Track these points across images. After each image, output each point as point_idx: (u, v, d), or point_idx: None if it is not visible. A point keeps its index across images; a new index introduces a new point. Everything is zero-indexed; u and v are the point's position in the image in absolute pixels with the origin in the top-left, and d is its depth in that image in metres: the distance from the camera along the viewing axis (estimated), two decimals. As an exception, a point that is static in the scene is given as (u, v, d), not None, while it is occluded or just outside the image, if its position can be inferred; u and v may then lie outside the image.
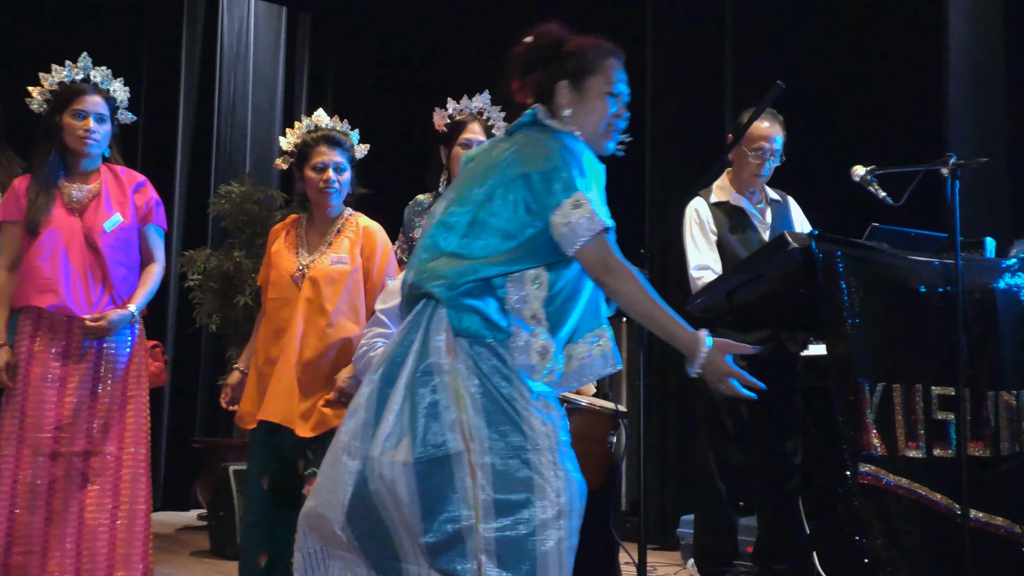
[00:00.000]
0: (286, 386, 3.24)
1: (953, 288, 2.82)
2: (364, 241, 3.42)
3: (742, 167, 3.61)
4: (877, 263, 2.89)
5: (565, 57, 2.28)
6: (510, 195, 2.15)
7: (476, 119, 3.75)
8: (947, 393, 2.83)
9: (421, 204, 3.78)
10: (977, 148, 4.26)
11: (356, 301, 3.35)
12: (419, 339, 2.14)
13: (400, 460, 2.05)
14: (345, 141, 3.45)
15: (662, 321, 2.14)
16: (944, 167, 2.93)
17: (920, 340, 2.85)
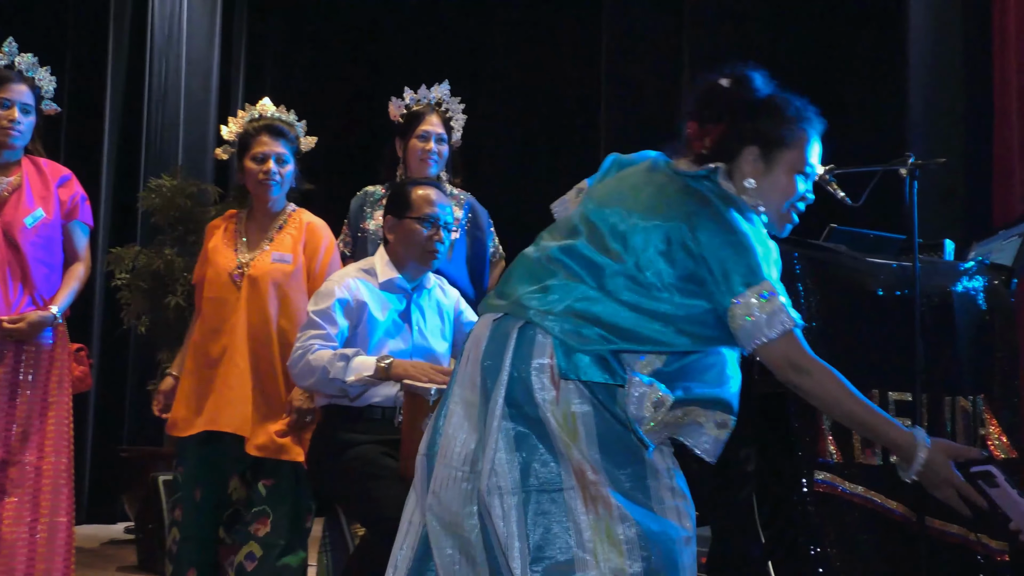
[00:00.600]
0: (239, 394, 3.22)
1: (911, 291, 2.89)
2: (308, 238, 3.40)
3: None
4: (835, 265, 2.95)
5: (761, 117, 2.12)
6: (675, 262, 2.00)
7: (434, 110, 3.76)
8: (904, 399, 2.89)
9: (372, 195, 3.77)
10: (937, 148, 4.36)
11: (298, 302, 3.33)
12: (510, 356, 2.01)
13: (508, 490, 1.95)
14: (289, 132, 3.43)
15: (870, 422, 2.02)
16: (902, 167, 3.00)
17: (877, 344, 2.92)
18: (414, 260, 3.15)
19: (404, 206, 3.16)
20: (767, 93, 2.14)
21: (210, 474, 3.27)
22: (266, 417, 3.24)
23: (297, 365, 2.98)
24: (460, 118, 3.83)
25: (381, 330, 3.10)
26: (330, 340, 2.99)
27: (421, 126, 3.71)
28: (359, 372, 2.92)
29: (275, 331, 3.29)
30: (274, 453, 3.21)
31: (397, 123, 3.79)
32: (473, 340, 2.11)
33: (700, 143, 2.13)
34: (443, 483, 2.04)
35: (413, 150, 3.72)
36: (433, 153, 3.70)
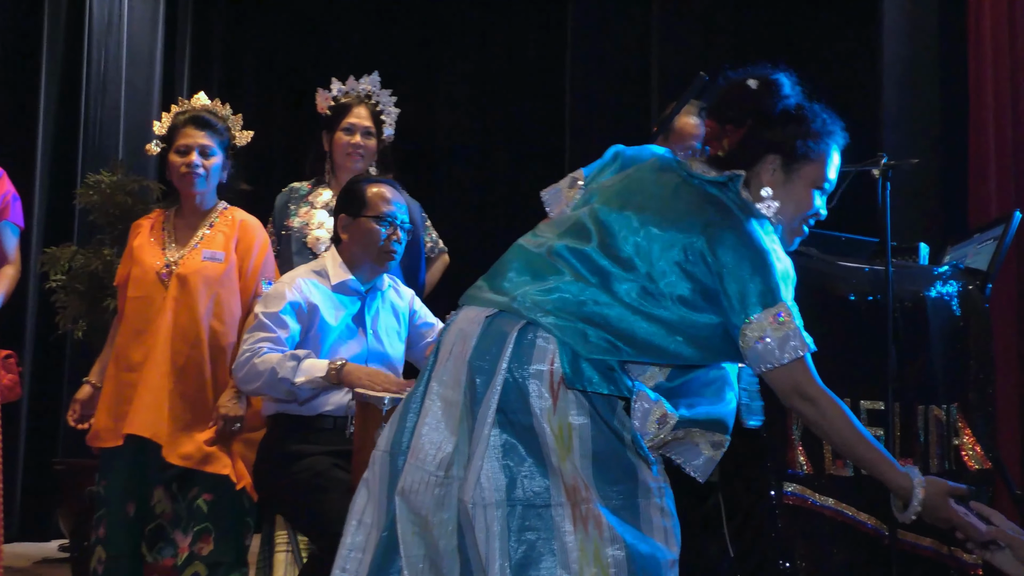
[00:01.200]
0: (155, 396, 3.19)
1: (883, 296, 2.92)
2: (240, 236, 3.39)
3: None
4: (805, 269, 2.95)
5: (788, 125, 2.11)
6: (692, 275, 2.00)
7: (363, 103, 3.77)
8: (876, 407, 2.93)
9: (298, 192, 3.77)
10: (911, 149, 4.42)
11: (230, 303, 3.32)
12: (506, 358, 1.97)
13: (492, 502, 1.92)
14: (217, 123, 3.42)
15: (869, 459, 2.05)
16: (875, 168, 3.04)
17: (849, 351, 2.95)
18: (370, 261, 3.15)
19: (359, 204, 3.15)
20: (796, 101, 2.13)
21: (142, 487, 3.23)
22: (191, 424, 3.21)
23: (243, 368, 2.96)
24: (391, 112, 3.84)
25: (334, 334, 3.09)
26: (280, 344, 2.98)
27: (347, 119, 3.72)
28: (310, 374, 2.90)
29: (205, 332, 3.27)
30: (199, 463, 3.18)
31: (324, 116, 3.79)
32: (459, 335, 2.05)
33: (718, 144, 2.11)
34: (414, 486, 2.01)
35: (338, 144, 3.73)
36: (359, 147, 3.71)
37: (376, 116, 3.77)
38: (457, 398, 2.02)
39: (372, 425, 2.76)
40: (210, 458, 3.19)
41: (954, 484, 2.12)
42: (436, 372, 2.07)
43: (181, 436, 3.18)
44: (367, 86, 3.82)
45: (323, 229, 3.67)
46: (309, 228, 3.69)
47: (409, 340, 3.30)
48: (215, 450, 3.20)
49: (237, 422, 3.21)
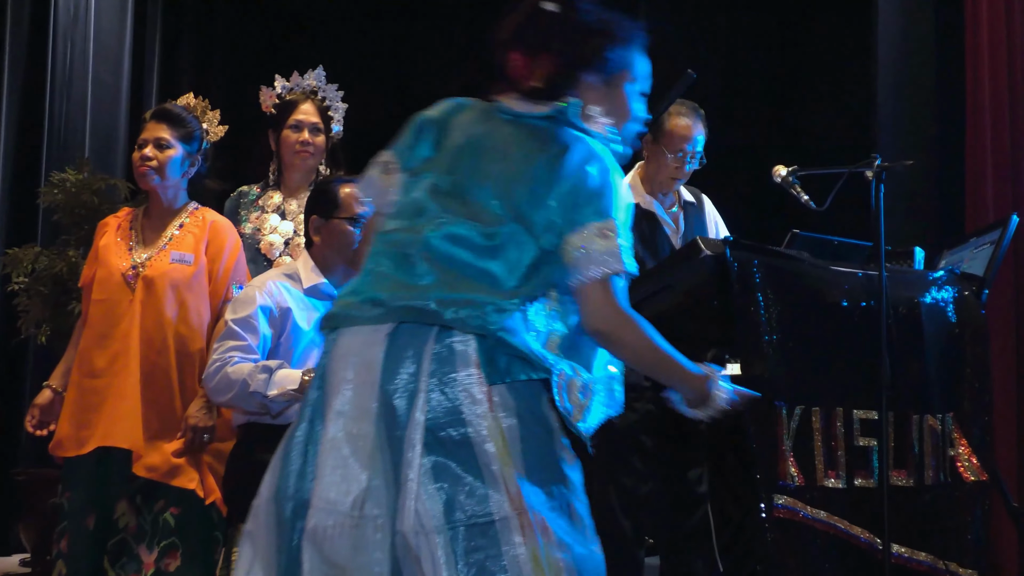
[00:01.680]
0: (131, 405, 3.17)
1: (877, 302, 2.94)
2: (211, 238, 3.38)
3: (659, 169, 3.65)
4: (797, 274, 2.99)
5: (596, 39, 2.11)
6: (538, 214, 1.99)
7: (309, 99, 3.77)
8: (870, 417, 2.94)
9: (247, 196, 3.77)
10: (906, 150, 4.44)
11: (199, 307, 3.31)
12: (426, 373, 1.91)
13: (431, 529, 1.86)
14: (181, 115, 3.41)
15: (669, 368, 2.12)
16: (869, 169, 3.05)
17: (842, 359, 2.96)
18: (343, 264, 3.15)
19: (331, 205, 3.15)
20: (595, 15, 2.13)
21: (105, 499, 3.20)
22: (158, 435, 3.19)
23: (213, 379, 2.95)
24: (339, 107, 3.85)
25: (306, 340, 3.08)
26: (250, 352, 2.97)
27: (293, 115, 3.73)
28: (282, 386, 2.90)
29: (172, 338, 3.25)
30: (166, 476, 3.16)
31: (270, 115, 3.80)
32: (354, 363, 1.96)
33: (530, 76, 2.08)
34: (327, 532, 1.91)
35: (286, 142, 3.73)
36: (308, 144, 3.72)
37: (323, 112, 3.78)
38: (368, 430, 1.93)
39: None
40: (177, 471, 3.17)
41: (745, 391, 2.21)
42: (330, 406, 1.97)
43: (149, 447, 3.17)
44: (312, 82, 3.83)
45: (276, 234, 3.66)
46: (262, 233, 3.69)
47: None
48: (183, 462, 3.19)
49: (207, 433, 3.20)
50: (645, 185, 3.71)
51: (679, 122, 3.58)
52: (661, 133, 3.58)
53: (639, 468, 3.56)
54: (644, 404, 3.52)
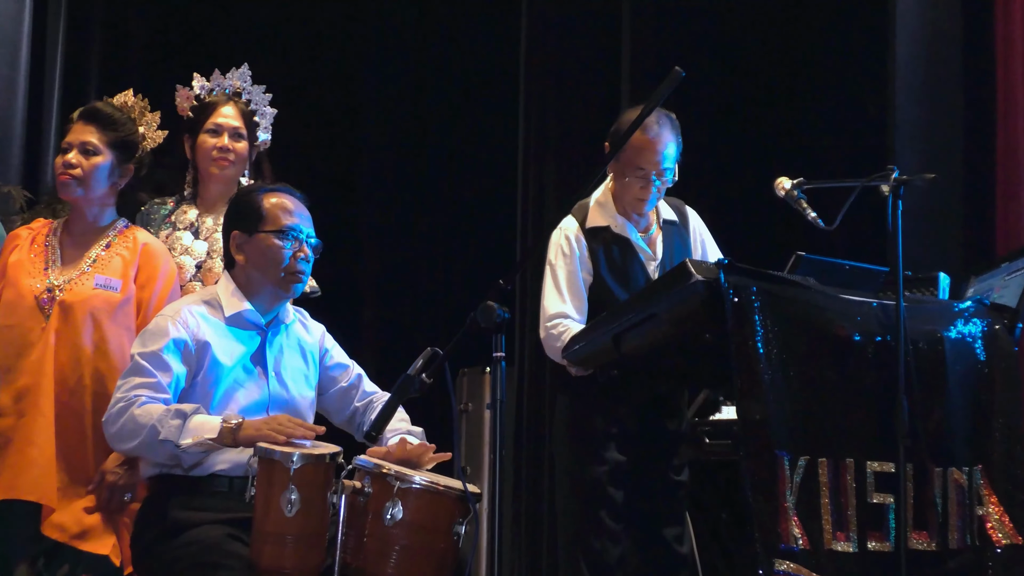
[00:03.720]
0: (41, 452, 3.14)
1: (894, 337, 2.94)
2: (142, 262, 3.37)
3: (622, 189, 3.60)
4: (802, 303, 2.99)
5: None
6: None
7: (231, 100, 3.79)
8: (885, 470, 2.94)
9: (159, 211, 3.76)
10: (928, 162, 4.46)
11: (122, 341, 3.28)
12: None
13: None
14: (114, 116, 3.41)
15: None
16: (885, 183, 3.07)
17: (853, 402, 2.96)
18: (272, 285, 3.13)
19: (255, 217, 3.13)
20: None
21: None
22: (67, 488, 3.16)
23: (116, 423, 2.92)
24: (267, 112, 3.86)
25: (228, 378, 3.07)
26: (160, 391, 2.94)
27: (212, 119, 3.74)
28: (198, 434, 2.87)
29: (89, 376, 3.23)
30: (76, 539, 3.13)
31: (186, 119, 3.80)
32: None
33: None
34: None
35: (203, 148, 3.73)
36: (227, 151, 3.72)
37: (247, 116, 3.79)
38: None
39: (277, 486, 2.75)
40: (90, 533, 3.15)
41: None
42: None
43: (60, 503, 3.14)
44: (236, 81, 3.84)
45: (187, 255, 3.65)
46: (172, 254, 3.68)
47: (319, 385, 3.27)
48: (97, 523, 3.16)
49: (127, 492, 3.18)
50: (616, 204, 3.65)
51: (637, 135, 3.41)
52: (620, 149, 3.45)
53: (609, 526, 3.55)
54: (612, 453, 3.51)
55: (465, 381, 5.72)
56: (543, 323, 3.58)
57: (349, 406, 3.33)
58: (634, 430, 3.53)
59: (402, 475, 2.84)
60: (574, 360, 3.41)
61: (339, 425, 3.36)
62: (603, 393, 3.49)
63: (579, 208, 3.66)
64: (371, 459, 2.90)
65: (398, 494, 2.79)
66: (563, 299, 3.55)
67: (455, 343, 2.76)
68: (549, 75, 5.58)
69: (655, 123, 3.53)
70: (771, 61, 5.34)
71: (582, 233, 3.61)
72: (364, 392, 3.33)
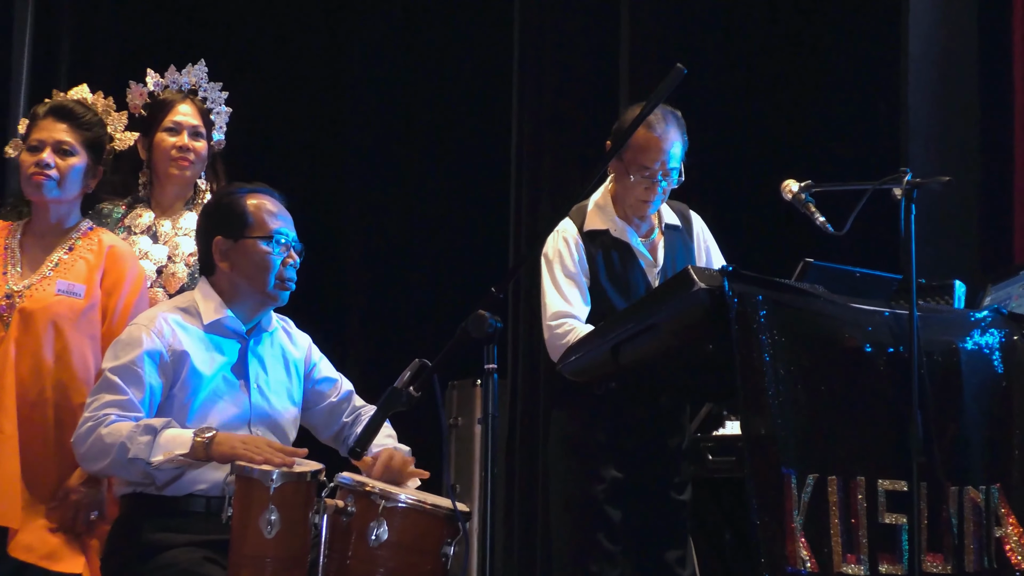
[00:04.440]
0: (8, 471, 3.14)
1: (907, 348, 2.94)
2: (108, 266, 3.36)
3: (625, 190, 3.61)
4: (810, 312, 2.99)
5: None
6: None
7: (188, 98, 3.80)
8: (897, 488, 2.94)
9: (110, 216, 3.75)
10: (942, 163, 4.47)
11: (86, 352, 3.28)
12: None
13: None
14: (85, 116, 3.40)
15: None
16: (897, 186, 3.07)
17: (864, 417, 2.96)
18: (259, 294, 3.12)
19: (240, 222, 3.12)
20: None
21: None
22: (33, 508, 3.15)
23: (84, 442, 2.90)
24: (222, 111, 3.87)
25: (206, 390, 3.05)
26: (132, 409, 2.93)
27: (169, 116, 3.75)
28: (169, 450, 2.85)
29: (51, 388, 3.22)
30: (44, 559, 3.12)
31: (140, 117, 3.80)
32: None
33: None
34: None
35: (160, 148, 3.74)
36: (187, 150, 3.73)
37: (204, 115, 3.80)
38: None
39: (256, 507, 2.74)
40: (58, 553, 3.15)
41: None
42: None
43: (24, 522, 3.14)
44: (192, 78, 3.84)
45: (147, 260, 3.65)
46: None
47: (305, 400, 3.27)
48: (63, 542, 3.16)
49: (94, 510, 3.18)
50: (616, 207, 3.66)
51: (642, 132, 3.47)
52: (623, 146, 3.47)
53: (607, 548, 3.54)
54: (610, 470, 3.50)
55: (455, 394, 5.73)
56: (545, 321, 3.57)
57: (337, 422, 3.32)
58: (633, 446, 3.52)
59: (387, 493, 2.83)
60: (570, 371, 3.40)
61: (325, 441, 3.35)
62: (601, 407, 3.49)
63: (577, 211, 3.66)
64: (354, 477, 2.89)
65: (383, 513, 2.78)
66: (565, 297, 3.55)
67: (444, 354, 2.75)
68: (544, 70, 5.58)
69: (661, 120, 3.53)
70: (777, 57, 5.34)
71: (580, 237, 3.61)
72: (354, 408, 3.33)
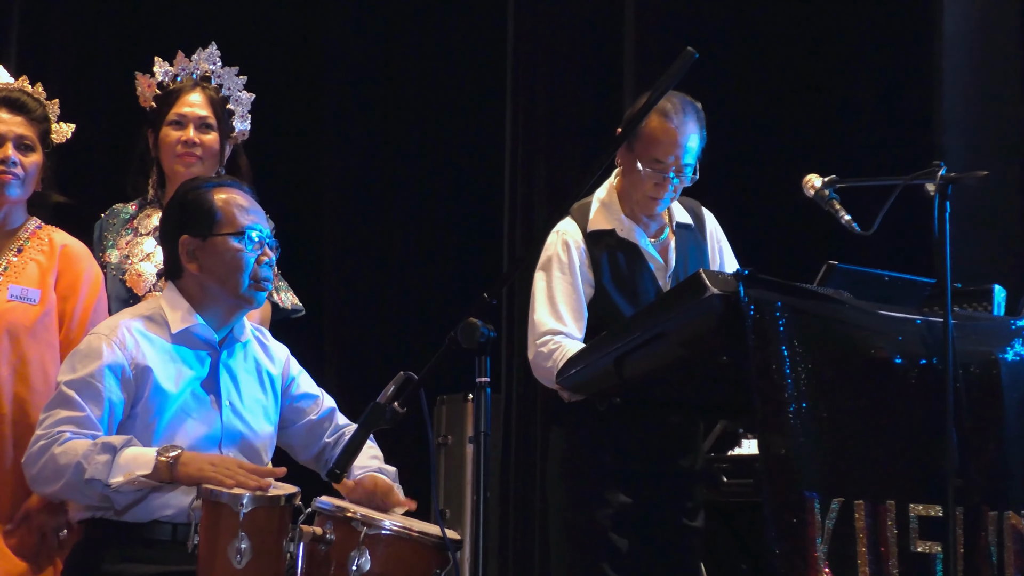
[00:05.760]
0: None
1: (941, 359, 2.94)
2: (62, 268, 3.37)
3: (633, 185, 3.60)
4: (834, 320, 2.99)
5: None
6: None
7: (198, 87, 3.80)
8: (932, 514, 2.94)
9: (119, 216, 3.79)
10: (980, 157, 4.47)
11: (44, 361, 3.30)
12: None
13: None
14: (37, 109, 3.41)
15: None
16: (930, 181, 3.07)
17: (894, 435, 2.96)
18: (231, 297, 3.11)
19: (207, 218, 3.11)
20: None
21: None
22: None
23: (36, 463, 2.91)
24: (243, 99, 3.87)
25: (173, 407, 3.05)
26: (89, 426, 2.93)
27: (175, 108, 3.76)
28: (130, 471, 2.85)
29: (8, 403, 3.24)
30: None
31: (149, 109, 3.82)
32: None
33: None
34: None
35: (166, 143, 3.75)
36: (193, 145, 3.73)
37: (218, 104, 3.80)
38: None
39: (224, 534, 2.74)
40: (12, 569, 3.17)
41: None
42: None
43: None
44: (204, 64, 3.84)
45: (148, 262, 3.66)
46: (130, 261, 3.67)
47: (281, 418, 3.26)
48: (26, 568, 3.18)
49: (59, 530, 3.19)
50: (622, 204, 3.66)
51: (656, 121, 3.47)
52: (635, 136, 3.48)
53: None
54: (616, 494, 3.50)
55: (444, 410, 5.73)
56: (532, 341, 3.56)
57: (317, 443, 3.31)
58: (641, 468, 3.52)
59: (369, 519, 2.83)
60: (570, 386, 3.39)
61: (304, 463, 3.35)
62: (604, 425, 3.49)
63: (579, 209, 3.65)
64: (334, 501, 2.89)
65: (365, 541, 2.77)
66: (558, 314, 3.53)
67: (432, 366, 2.75)
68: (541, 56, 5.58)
69: (679, 110, 3.51)
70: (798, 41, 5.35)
71: (583, 238, 3.61)
72: (336, 426, 3.32)
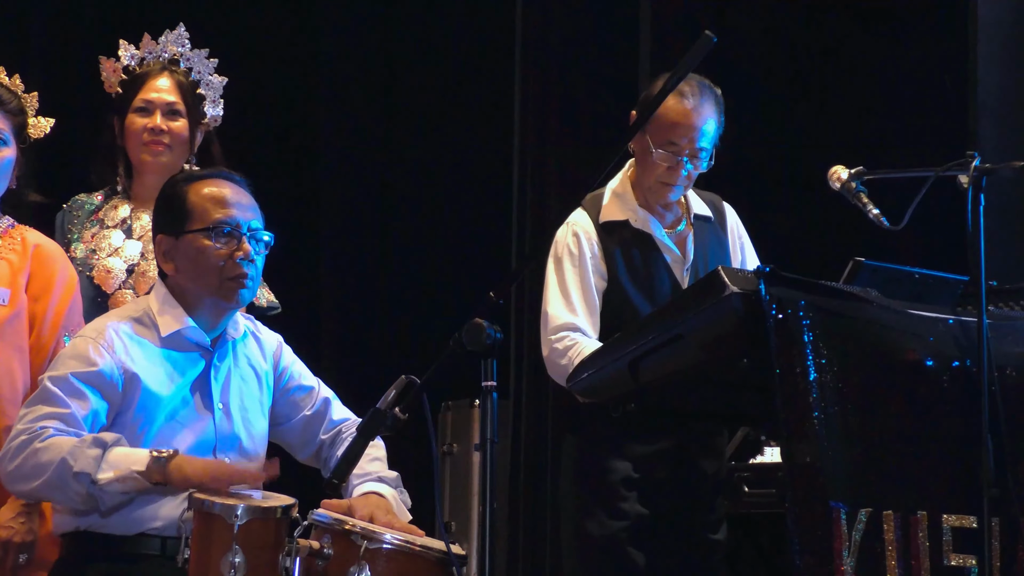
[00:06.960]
0: None
1: (975, 361, 2.95)
2: (35, 269, 3.39)
3: (645, 170, 3.61)
4: (862, 321, 3.00)
5: None
6: None
7: (166, 70, 3.81)
8: (966, 525, 2.94)
9: (83, 207, 3.80)
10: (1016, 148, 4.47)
11: (13, 365, 3.31)
12: None
13: None
14: (12, 102, 3.43)
15: None
16: (963, 173, 3.07)
17: (925, 442, 2.97)
18: (210, 295, 3.12)
19: (179, 215, 3.13)
20: None
21: None
22: None
23: (13, 459, 2.90)
24: (214, 83, 3.88)
25: (164, 413, 3.07)
26: (74, 424, 2.94)
27: (140, 94, 3.77)
28: (121, 468, 2.86)
29: None
30: None
31: (116, 95, 3.83)
32: None
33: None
34: None
35: (131, 131, 3.77)
36: (160, 133, 3.74)
37: (187, 89, 3.81)
38: None
39: (217, 547, 2.74)
40: None
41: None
42: None
43: None
44: (173, 47, 3.85)
45: (116, 257, 3.67)
46: (98, 256, 3.69)
47: (274, 413, 3.27)
48: None
49: (23, 552, 3.20)
50: (637, 194, 3.68)
51: (673, 102, 3.48)
52: (651, 118, 3.40)
53: None
54: (633, 505, 3.51)
55: (449, 417, 5.74)
56: (545, 335, 3.57)
57: (314, 440, 3.31)
58: (660, 478, 3.52)
59: (370, 533, 2.84)
60: (581, 391, 3.41)
61: (304, 462, 3.35)
62: (620, 432, 3.50)
63: (591, 200, 3.66)
64: (332, 513, 2.90)
65: (364, 556, 2.78)
66: (571, 307, 3.54)
67: (435, 370, 2.76)
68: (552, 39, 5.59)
69: (697, 92, 3.54)
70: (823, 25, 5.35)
71: (595, 230, 3.62)
72: (332, 421, 3.32)
